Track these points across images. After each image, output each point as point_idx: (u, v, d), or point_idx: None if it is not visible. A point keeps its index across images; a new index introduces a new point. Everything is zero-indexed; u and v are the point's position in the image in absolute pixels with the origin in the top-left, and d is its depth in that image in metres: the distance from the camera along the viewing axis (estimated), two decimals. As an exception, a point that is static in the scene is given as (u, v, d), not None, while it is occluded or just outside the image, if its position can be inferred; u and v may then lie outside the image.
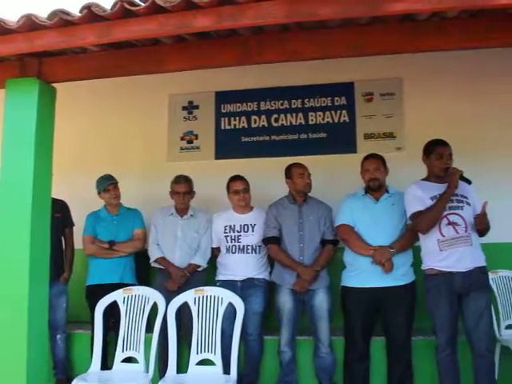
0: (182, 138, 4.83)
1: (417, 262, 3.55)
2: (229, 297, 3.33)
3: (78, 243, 4.20)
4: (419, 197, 3.42)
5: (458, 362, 3.31)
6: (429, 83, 4.40)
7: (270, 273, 3.97)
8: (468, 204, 3.35)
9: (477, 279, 3.25)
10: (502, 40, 2.73)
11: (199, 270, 4.02)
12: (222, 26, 2.63)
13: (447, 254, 3.32)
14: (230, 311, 3.35)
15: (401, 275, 3.51)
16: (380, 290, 3.48)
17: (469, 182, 3.34)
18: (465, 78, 4.34)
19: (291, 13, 2.53)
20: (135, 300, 3.36)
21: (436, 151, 3.46)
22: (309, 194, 3.94)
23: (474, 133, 4.22)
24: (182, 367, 3.31)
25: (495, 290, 3.79)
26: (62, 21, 2.68)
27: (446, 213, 3.35)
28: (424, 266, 3.43)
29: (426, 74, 4.36)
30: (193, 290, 3.35)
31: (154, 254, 4.06)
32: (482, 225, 3.28)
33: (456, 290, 3.27)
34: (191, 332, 3.26)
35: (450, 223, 3.34)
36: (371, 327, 3.58)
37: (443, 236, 3.34)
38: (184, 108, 4.85)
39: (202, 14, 2.54)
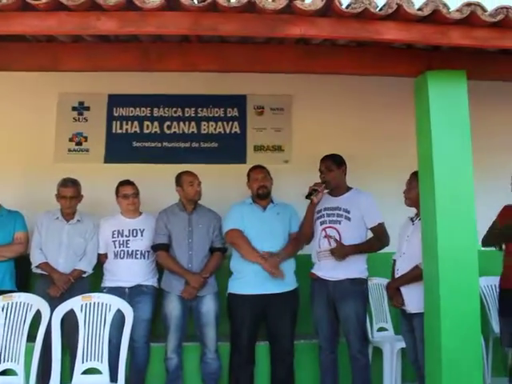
0: (71, 140, 4.63)
1: (300, 270, 3.76)
2: (117, 303, 3.29)
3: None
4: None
5: (337, 361, 3.57)
6: (315, 101, 4.67)
7: (159, 280, 3.97)
8: (348, 218, 3.56)
9: (347, 289, 3.48)
10: (382, 69, 3.03)
11: (84, 276, 3.90)
12: (126, 31, 2.62)
13: (323, 263, 3.58)
14: (117, 318, 3.32)
15: (285, 282, 3.67)
16: (265, 296, 3.62)
17: (306, 197, 3.58)
18: (347, 97, 4.65)
19: (194, 26, 2.59)
20: (16, 308, 3.19)
21: (319, 167, 3.71)
22: (199, 202, 4.00)
23: (354, 147, 4.42)
24: (63, 377, 3.20)
25: (370, 295, 4.11)
26: None
27: (325, 226, 3.60)
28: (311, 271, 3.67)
29: (313, 92, 4.61)
30: (79, 296, 3.26)
31: (36, 258, 3.85)
32: (337, 257, 3.49)
33: (330, 296, 3.53)
34: (76, 340, 3.16)
35: (326, 236, 3.59)
36: (256, 332, 3.71)
37: (319, 247, 3.61)
38: (74, 108, 4.66)
39: (105, 17, 2.50)
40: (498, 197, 3.63)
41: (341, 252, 3.49)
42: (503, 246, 3.58)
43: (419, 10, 2.56)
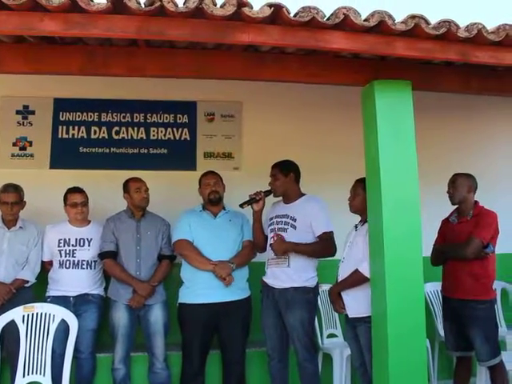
0: (15, 144, 4.45)
1: (254, 277, 3.75)
2: (61, 313, 3.19)
3: None
4: (265, 219, 3.69)
5: (287, 369, 3.57)
6: (266, 108, 4.67)
7: (106, 288, 3.87)
8: (293, 226, 3.54)
9: (292, 298, 3.47)
10: (330, 78, 3.07)
11: (27, 285, 3.76)
12: (71, 34, 2.54)
13: (270, 271, 3.59)
14: (61, 328, 3.22)
15: (238, 290, 3.66)
16: (217, 305, 3.58)
17: (240, 205, 3.63)
18: (298, 104, 4.68)
19: (142, 30, 2.54)
20: (-49, 320, 3.04)
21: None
22: (148, 209, 3.94)
23: (305, 152, 4.40)
24: (3, 392, 3.08)
25: (319, 302, 4.13)
26: None
27: (273, 234, 3.60)
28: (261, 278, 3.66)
29: (263, 100, 4.62)
30: (21, 307, 3.14)
31: (-26, 268, 3.69)
32: (275, 251, 3.50)
33: (277, 304, 3.52)
34: (17, 353, 3.04)
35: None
36: (208, 342, 3.66)
37: (269, 255, 3.61)
38: (18, 112, 4.50)
39: (49, 18, 2.41)
40: (444, 208, 3.74)
41: (279, 247, 3.48)
42: None
43: (365, 20, 2.61)
